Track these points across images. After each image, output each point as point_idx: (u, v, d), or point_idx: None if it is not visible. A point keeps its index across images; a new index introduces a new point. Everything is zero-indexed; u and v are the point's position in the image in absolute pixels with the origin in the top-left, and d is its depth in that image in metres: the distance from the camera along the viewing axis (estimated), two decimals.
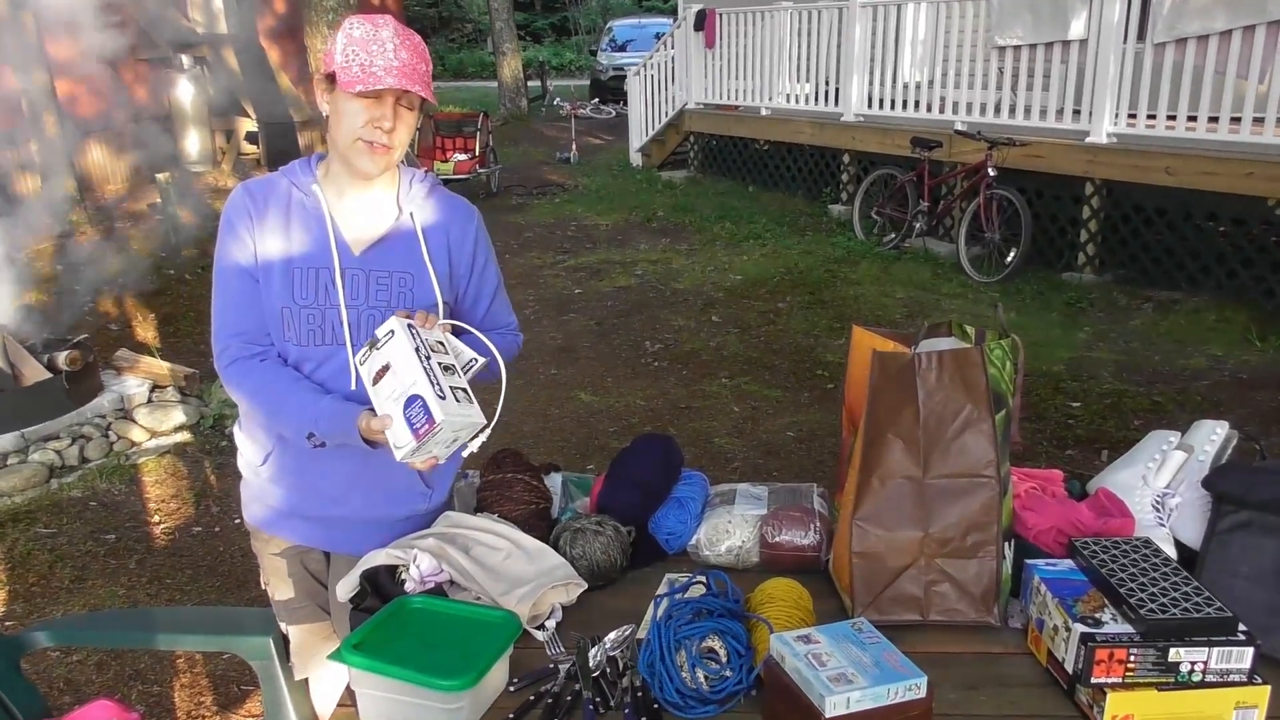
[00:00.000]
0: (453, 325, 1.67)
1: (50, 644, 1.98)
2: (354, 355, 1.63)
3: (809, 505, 1.74)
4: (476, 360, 1.67)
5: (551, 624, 1.53)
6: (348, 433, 1.57)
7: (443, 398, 1.45)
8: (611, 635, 1.47)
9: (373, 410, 1.54)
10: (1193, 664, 1.27)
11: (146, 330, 6.23)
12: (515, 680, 1.40)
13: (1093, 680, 1.27)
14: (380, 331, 1.54)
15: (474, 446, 1.57)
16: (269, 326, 1.67)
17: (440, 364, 1.52)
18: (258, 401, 1.67)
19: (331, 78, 1.58)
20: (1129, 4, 6.26)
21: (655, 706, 1.32)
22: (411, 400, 1.45)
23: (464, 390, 1.53)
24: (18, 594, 3.35)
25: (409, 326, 1.53)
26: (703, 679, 1.33)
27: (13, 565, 3.53)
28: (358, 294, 1.66)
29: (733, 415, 4.78)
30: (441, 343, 1.59)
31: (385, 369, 1.50)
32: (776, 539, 1.69)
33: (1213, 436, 1.71)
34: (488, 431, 1.55)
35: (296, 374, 1.66)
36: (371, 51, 1.53)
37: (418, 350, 1.49)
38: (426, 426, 1.43)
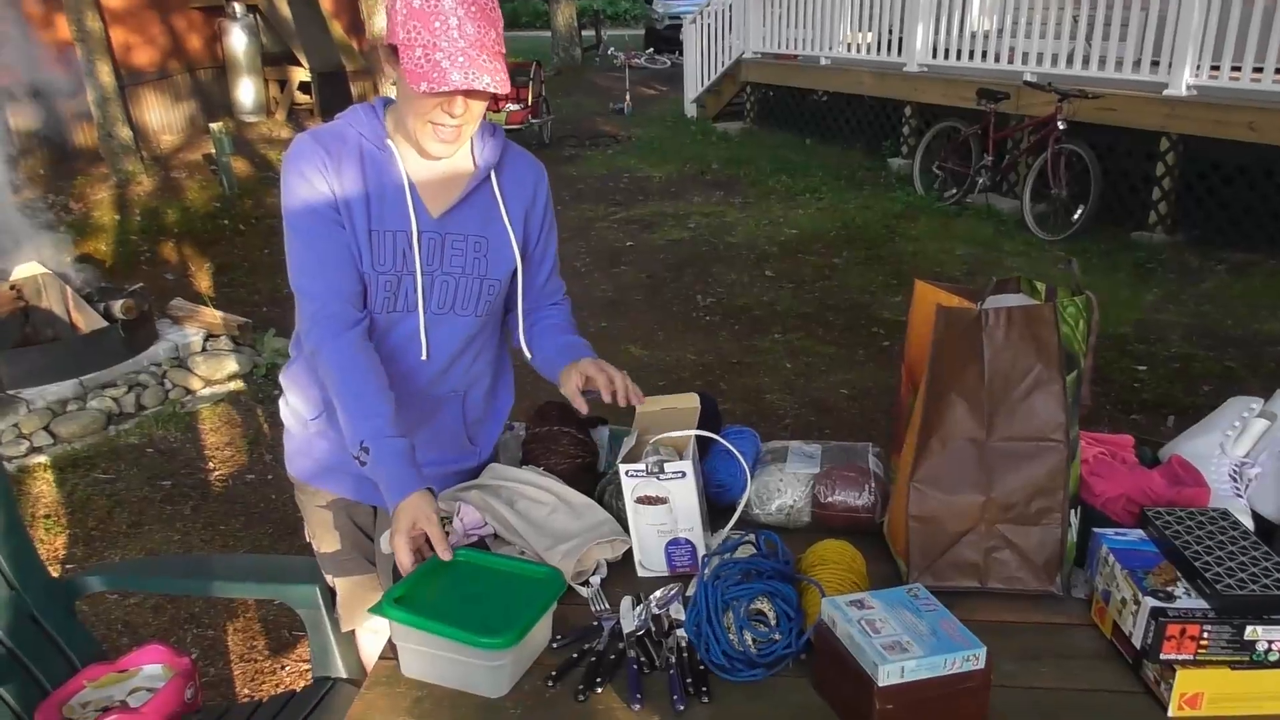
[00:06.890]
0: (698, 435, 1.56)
1: (104, 588, 2.02)
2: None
3: (864, 465, 1.68)
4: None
5: (596, 580, 1.49)
6: (389, 492, 1.42)
7: (706, 530, 1.50)
8: (657, 594, 1.43)
9: (427, 492, 1.42)
10: (1270, 643, 1.19)
11: (201, 279, 6.32)
12: (559, 637, 1.37)
13: (1162, 656, 1.21)
14: (670, 467, 1.44)
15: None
16: None
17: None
18: (339, 389, 1.50)
19: (395, 50, 1.42)
20: None
21: (701, 668, 1.29)
22: (678, 542, 1.49)
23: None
24: (78, 538, 3.43)
25: (695, 468, 1.49)
26: (750, 641, 1.29)
27: (73, 509, 3.62)
28: (433, 259, 1.57)
29: (785, 371, 4.70)
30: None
31: (660, 499, 1.46)
32: (829, 499, 1.63)
33: None
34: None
35: (385, 381, 1.50)
36: (434, 30, 1.36)
37: (700, 491, 1.50)
38: (688, 566, 1.50)
